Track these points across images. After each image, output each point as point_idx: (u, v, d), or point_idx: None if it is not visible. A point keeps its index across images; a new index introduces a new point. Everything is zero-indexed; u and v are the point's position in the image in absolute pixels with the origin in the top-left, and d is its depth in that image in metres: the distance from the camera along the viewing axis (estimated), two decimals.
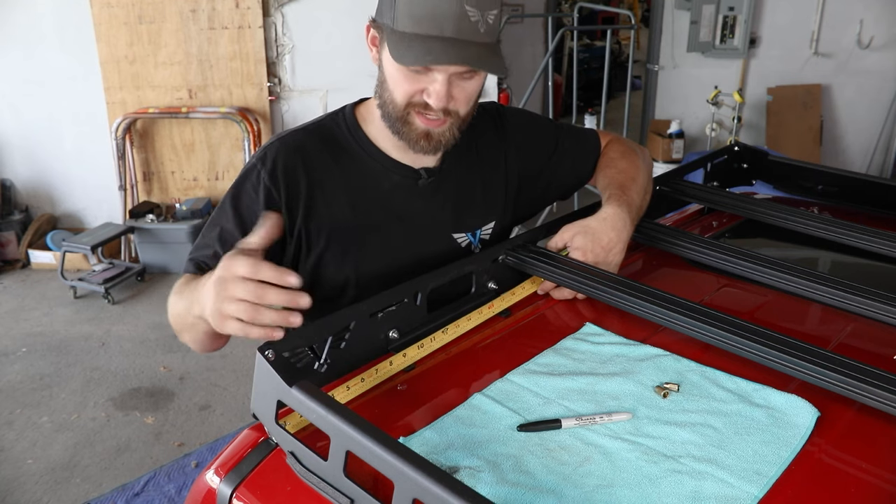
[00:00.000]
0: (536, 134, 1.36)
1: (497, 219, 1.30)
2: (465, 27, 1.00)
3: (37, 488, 2.46)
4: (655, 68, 5.32)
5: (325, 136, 1.19)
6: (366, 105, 1.23)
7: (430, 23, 1.00)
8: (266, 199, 1.12)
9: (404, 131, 1.11)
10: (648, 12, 7.11)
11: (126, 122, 4.18)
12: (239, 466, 0.78)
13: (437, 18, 0.99)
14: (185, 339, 1.08)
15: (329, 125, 1.21)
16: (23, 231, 4.38)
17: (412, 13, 1.00)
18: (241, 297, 0.80)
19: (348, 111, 1.22)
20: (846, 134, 5.12)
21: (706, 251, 1.20)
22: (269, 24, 4.20)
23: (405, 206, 1.20)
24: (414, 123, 1.10)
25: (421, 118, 1.09)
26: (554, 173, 1.37)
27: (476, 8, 1.00)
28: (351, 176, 1.18)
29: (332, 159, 1.17)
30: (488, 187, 1.29)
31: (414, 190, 1.21)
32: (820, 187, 1.63)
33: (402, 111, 1.09)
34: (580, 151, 1.38)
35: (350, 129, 1.20)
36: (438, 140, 1.12)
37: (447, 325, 1.02)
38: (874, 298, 1.02)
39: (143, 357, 3.31)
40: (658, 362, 0.94)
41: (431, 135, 1.11)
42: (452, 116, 1.10)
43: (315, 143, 1.17)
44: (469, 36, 1.01)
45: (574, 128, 1.43)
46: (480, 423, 0.82)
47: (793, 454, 0.77)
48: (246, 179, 1.13)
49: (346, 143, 1.19)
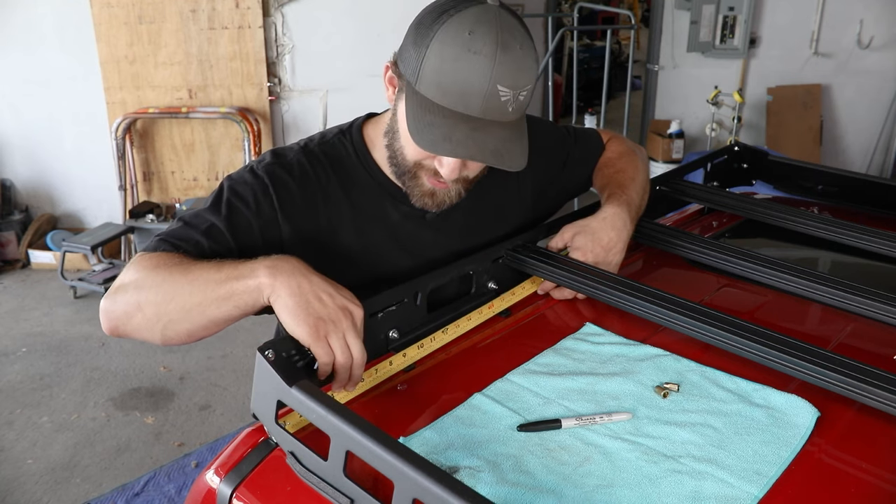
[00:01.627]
0: (546, 148, 1.29)
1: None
2: (493, 106, 0.93)
3: (37, 488, 2.46)
4: (655, 68, 5.31)
5: (331, 158, 1.13)
6: (373, 127, 1.16)
7: (455, 97, 0.92)
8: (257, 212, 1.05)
9: (410, 185, 1.07)
10: (648, 12, 7.10)
11: (126, 122, 4.18)
12: (239, 466, 0.78)
13: (464, 95, 0.92)
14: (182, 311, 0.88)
15: (335, 145, 1.14)
16: (23, 231, 4.38)
17: (440, 83, 0.93)
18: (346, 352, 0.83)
19: (356, 132, 1.16)
20: (846, 134, 5.12)
21: (706, 251, 1.20)
22: (269, 24, 4.20)
23: (413, 238, 1.16)
24: (420, 180, 1.05)
25: (429, 178, 1.05)
26: (566, 182, 1.35)
27: (510, 88, 0.92)
28: (357, 204, 1.12)
29: (339, 185, 1.11)
30: (500, 209, 1.24)
31: (422, 222, 1.16)
32: (820, 187, 1.63)
33: (410, 167, 1.05)
34: (588, 156, 1.36)
35: (358, 153, 1.14)
36: (443, 200, 1.08)
37: (447, 325, 1.02)
38: (874, 298, 1.02)
39: (143, 357, 3.31)
40: (658, 362, 0.94)
41: (437, 195, 1.07)
42: (461, 182, 1.06)
43: (322, 168, 1.11)
44: (495, 116, 0.94)
45: (578, 131, 1.39)
46: (480, 423, 0.82)
47: (793, 454, 0.77)
48: (245, 190, 1.06)
49: (353, 168, 1.13)
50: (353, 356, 0.83)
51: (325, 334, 0.82)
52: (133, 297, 0.91)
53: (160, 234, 1.01)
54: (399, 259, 1.15)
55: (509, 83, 0.92)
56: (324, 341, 0.82)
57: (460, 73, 0.91)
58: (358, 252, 1.12)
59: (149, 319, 0.90)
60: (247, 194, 1.05)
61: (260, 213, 1.05)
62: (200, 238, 1.00)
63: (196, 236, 1.00)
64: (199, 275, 0.88)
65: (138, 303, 0.90)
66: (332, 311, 0.83)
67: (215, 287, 0.86)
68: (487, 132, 0.94)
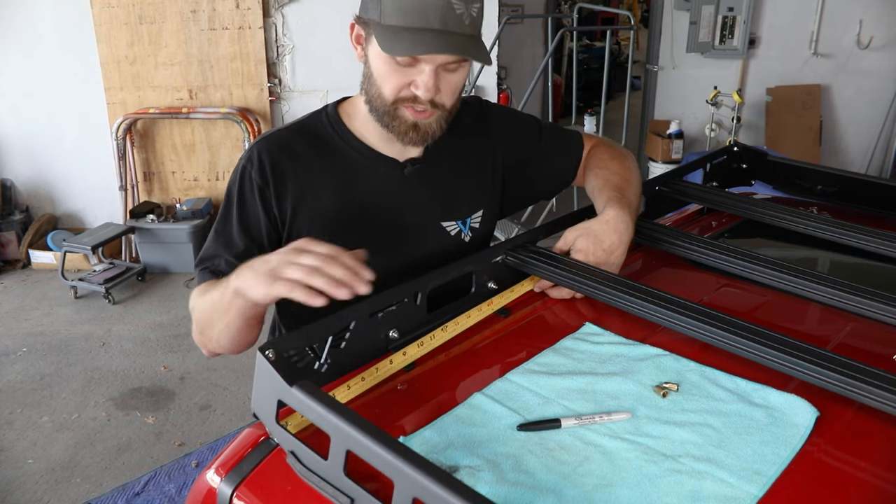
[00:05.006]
0: (519, 126, 1.39)
1: (485, 207, 1.32)
2: (451, 19, 1.03)
3: (37, 488, 2.46)
4: (655, 69, 5.31)
5: (309, 133, 1.22)
6: (349, 102, 1.26)
7: (416, 15, 1.02)
8: (260, 197, 1.16)
9: (393, 124, 1.14)
10: (648, 13, 7.10)
11: (126, 123, 4.18)
12: (239, 466, 0.78)
13: (423, 11, 1.02)
14: (215, 331, 1.07)
15: (313, 123, 1.24)
16: (23, 231, 4.38)
17: (399, 6, 1.03)
18: (307, 264, 0.86)
19: (331, 109, 1.25)
20: (845, 134, 5.12)
21: (706, 251, 1.20)
22: (270, 24, 4.20)
23: (394, 196, 1.23)
24: (402, 116, 1.12)
25: (409, 110, 1.11)
26: (539, 167, 1.38)
27: (461, 1, 1.03)
28: (338, 171, 1.20)
29: (318, 155, 1.20)
30: (474, 176, 1.31)
31: (401, 180, 1.23)
32: (819, 187, 1.63)
33: (389, 105, 1.12)
34: (564, 149, 1.40)
35: (334, 125, 1.23)
36: (426, 131, 1.14)
37: (447, 324, 1.02)
38: (873, 298, 1.02)
39: (143, 357, 3.31)
40: (657, 362, 0.95)
41: (419, 126, 1.13)
42: (439, 108, 1.12)
43: (300, 141, 1.20)
44: (454, 27, 1.04)
45: (557, 126, 1.45)
46: (480, 423, 0.82)
47: (792, 454, 0.77)
48: (243, 184, 1.17)
49: (331, 139, 1.22)
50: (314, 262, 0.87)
51: (279, 275, 0.88)
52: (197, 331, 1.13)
53: (200, 262, 1.17)
54: (382, 219, 1.22)
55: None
56: (280, 279, 0.87)
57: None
58: (343, 214, 1.19)
59: (215, 342, 1.10)
60: (247, 192, 1.17)
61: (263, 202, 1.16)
62: (225, 255, 1.14)
63: (221, 255, 1.15)
64: (211, 300, 1.05)
65: (202, 333, 1.11)
66: (278, 256, 0.91)
67: (219, 305, 1.02)
68: (451, 38, 1.04)
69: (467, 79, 1.16)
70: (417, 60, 1.06)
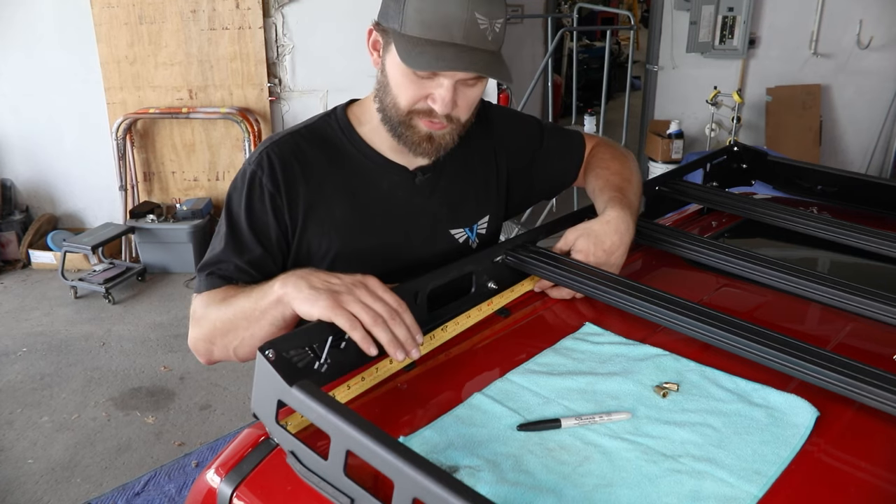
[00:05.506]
0: (522, 128, 1.38)
1: (491, 212, 1.31)
2: (474, 34, 1.01)
3: (37, 488, 2.46)
4: (655, 69, 5.31)
5: (318, 138, 1.19)
6: (358, 106, 1.23)
7: (440, 29, 1.00)
8: (271, 204, 1.12)
9: (406, 135, 1.11)
10: (648, 13, 7.10)
11: (126, 123, 4.18)
12: (239, 466, 0.78)
13: (447, 25, 1.00)
14: (236, 339, 1.01)
15: (322, 127, 1.21)
16: (23, 231, 4.38)
17: (422, 19, 1.00)
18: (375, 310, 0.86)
19: (340, 113, 1.22)
20: (845, 134, 5.12)
21: (706, 251, 1.20)
22: (270, 24, 4.20)
23: (404, 205, 1.21)
24: (416, 127, 1.10)
25: (424, 122, 1.09)
26: (541, 167, 1.38)
27: (486, 16, 1.01)
28: (348, 177, 1.18)
29: (328, 161, 1.17)
30: (480, 182, 1.30)
31: (412, 189, 1.21)
32: (819, 187, 1.63)
33: (404, 115, 1.09)
34: (566, 149, 1.40)
35: (343, 130, 1.20)
36: (439, 143, 1.12)
37: (447, 323, 1.02)
38: (873, 298, 1.02)
39: (143, 357, 3.31)
40: (657, 362, 0.95)
41: (433, 138, 1.11)
42: (454, 122, 1.11)
43: (311, 147, 1.17)
44: (477, 43, 1.01)
45: (558, 127, 1.45)
46: (480, 423, 0.82)
47: (792, 454, 0.77)
48: (252, 189, 1.13)
49: (341, 144, 1.19)
50: (382, 311, 0.86)
51: (343, 304, 0.85)
52: (205, 338, 1.05)
53: (206, 267, 1.11)
54: (393, 227, 1.20)
55: (485, 11, 1.01)
56: (343, 310, 0.85)
57: (441, 6, 1.00)
58: (354, 222, 1.17)
59: (231, 350, 1.03)
60: (257, 198, 1.13)
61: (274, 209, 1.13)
62: (236, 260, 1.10)
63: (232, 260, 1.10)
64: (237, 306, 1.00)
65: (211, 341, 1.05)
66: (344, 284, 0.89)
67: (251, 313, 0.97)
68: (473, 54, 1.02)
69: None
70: (437, 74, 1.04)
